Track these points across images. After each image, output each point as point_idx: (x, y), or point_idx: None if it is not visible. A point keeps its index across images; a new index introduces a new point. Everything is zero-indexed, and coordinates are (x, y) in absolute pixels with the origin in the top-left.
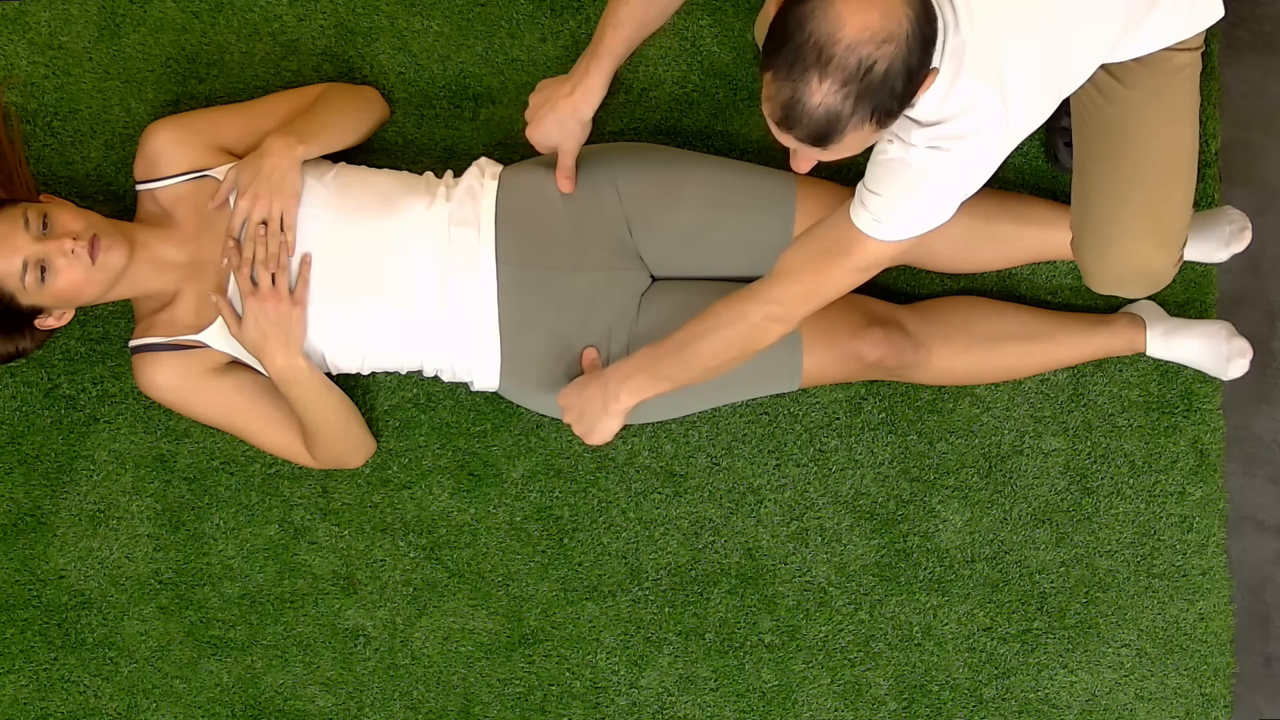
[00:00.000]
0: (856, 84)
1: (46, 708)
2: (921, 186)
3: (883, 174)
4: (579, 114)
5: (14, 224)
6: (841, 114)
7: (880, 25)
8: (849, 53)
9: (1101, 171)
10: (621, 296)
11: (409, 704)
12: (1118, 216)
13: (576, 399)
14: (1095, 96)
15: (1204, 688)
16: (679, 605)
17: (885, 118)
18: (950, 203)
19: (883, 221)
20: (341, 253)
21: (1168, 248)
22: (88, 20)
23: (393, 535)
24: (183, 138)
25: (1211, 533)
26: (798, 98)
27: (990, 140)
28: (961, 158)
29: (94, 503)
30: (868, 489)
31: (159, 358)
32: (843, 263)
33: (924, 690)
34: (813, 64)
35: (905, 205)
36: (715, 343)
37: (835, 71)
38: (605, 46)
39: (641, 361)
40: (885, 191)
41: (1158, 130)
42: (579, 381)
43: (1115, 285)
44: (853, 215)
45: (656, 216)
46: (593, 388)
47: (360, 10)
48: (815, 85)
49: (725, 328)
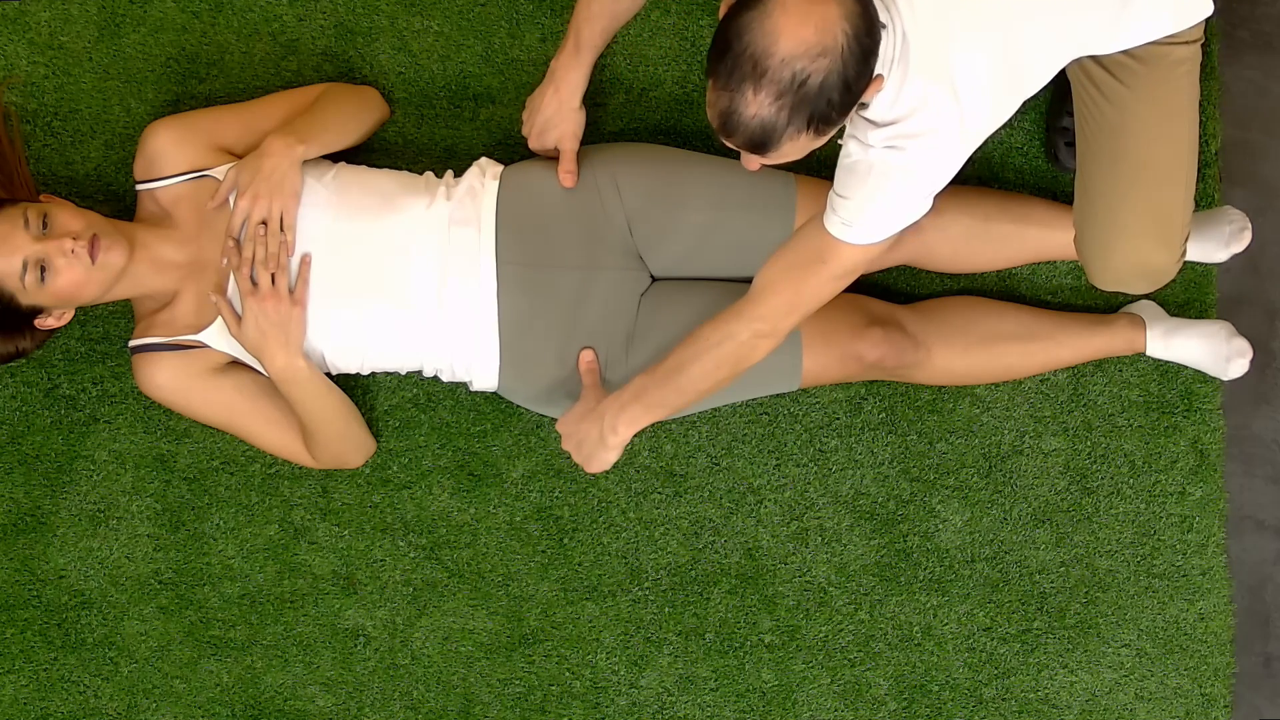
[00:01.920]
0: (791, 96)
1: (46, 708)
2: (885, 187)
3: (847, 177)
4: (566, 104)
5: (14, 224)
6: (776, 125)
7: (815, 39)
8: (783, 66)
9: (1102, 170)
10: (621, 296)
11: (409, 704)
12: (1119, 215)
13: (574, 430)
14: (1095, 95)
15: (1204, 688)
16: (679, 605)
17: (824, 126)
18: (917, 201)
19: (853, 225)
20: (341, 252)
21: (1170, 244)
22: (88, 20)
23: (393, 535)
24: (183, 138)
25: (1211, 533)
26: (734, 108)
27: (946, 137)
28: (919, 156)
29: (94, 503)
30: (868, 489)
31: (159, 358)
32: (820, 271)
33: (924, 690)
34: (748, 75)
35: (872, 207)
36: (705, 365)
37: (769, 85)
38: (584, 40)
39: (635, 391)
40: (852, 195)
41: (1157, 129)
42: (576, 413)
43: (1118, 282)
44: (825, 222)
45: (657, 216)
46: (589, 421)
47: (360, 10)
48: (750, 97)
49: (714, 349)
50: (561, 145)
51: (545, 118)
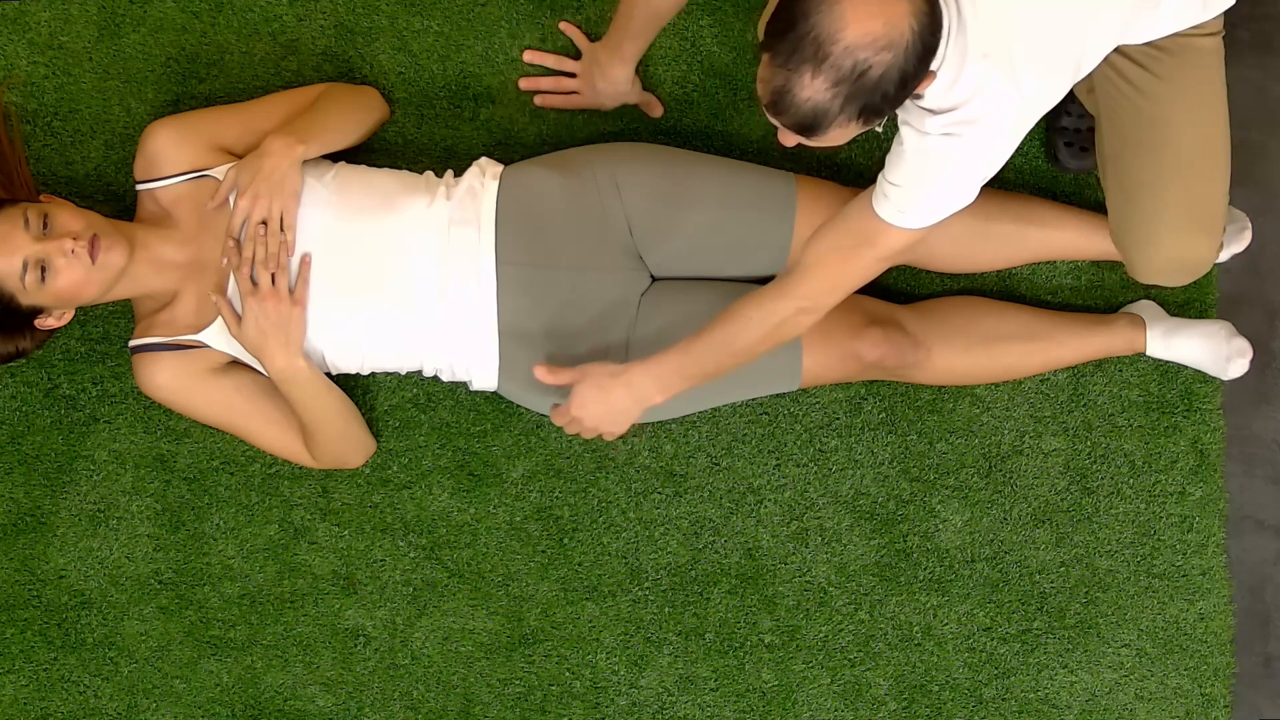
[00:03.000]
0: (848, 85)
1: (46, 708)
2: (941, 174)
3: (902, 164)
4: (619, 85)
5: (14, 224)
6: (829, 111)
7: (882, 32)
8: (846, 54)
9: (1141, 163)
10: (621, 296)
11: (409, 704)
12: (1160, 208)
13: (599, 397)
14: (1125, 88)
15: (1204, 688)
16: (679, 605)
17: (873, 117)
18: (973, 185)
19: (906, 211)
20: (341, 252)
21: (1210, 235)
22: (88, 20)
23: (393, 535)
24: (183, 138)
25: (1211, 533)
26: (789, 88)
27: (1004, 120)
28: (978, 141)
29: (94, 503)
30: (868, 489)
31: (159, 357)
32: (867, 253)
33: (924, 690)
34: (809, 58)
35: (927, 193)
36: (748, 339)
37: (829, 70)
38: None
39: (673, 363)
40: (905, 181)
41: (1193, 119)
42: (596, 384)
43: (1160, 276)
44: (876, 207)
45: (657, 216)
46: (618, 391)
47: (360, 10)
48: (808, 80)
49: (757, 325)
50: (625, 100)
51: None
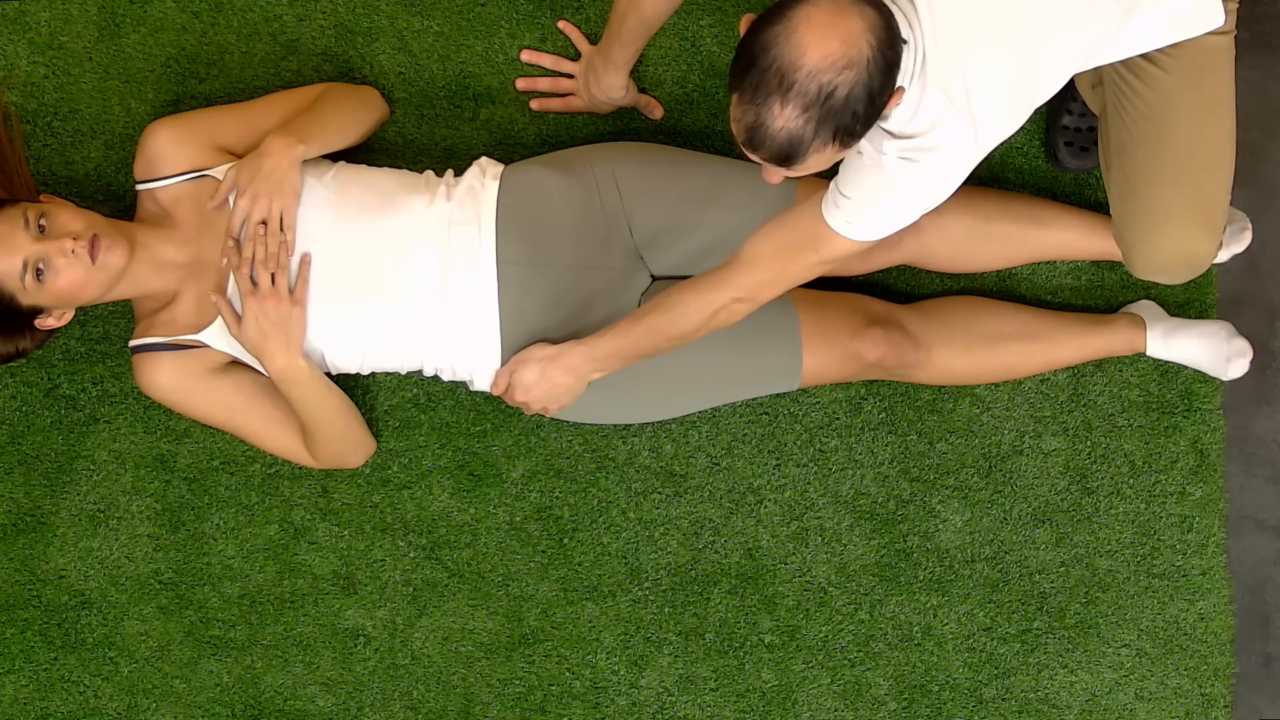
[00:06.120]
0: (818, 109)
1: (46, 708)
2: (892, 194)
3: (854, 176)
4: (608, 91)
5: (14, 224)
6: (804, 138)
7: (841, 52)
8: (810, 79)
9: (1145, 156)
10: (622, 295)
11: (409, 704)
12: (1163, 203)
13: (539, 384)
14: (1133, 83)
15: (1204, 688)
16: (679, 605)
17: (849, 138)
18: (920, 209)
19: (854, 223)
20: (341, 252)
21: (1212, 232)
22: (88, 20)
23: (393, 535)
24: (183, 138)
25: (1211, 533)
26: (761, 121)
27: (959, 153)
28: (931, 169)
29: (94, 503)
30: (868, 489)
31: (159, 357)
32: (810, 256)
33: (924, 690)
34: (775, 89)
35: (876, 208)
36: (685, 326)
37: (797, 98)
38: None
39: (610, 347)
40: (856, 195)
41: (1200, 115)
42: (536, 369)
43: (1160, 270)
44: (825, 214)
45: (657, 216)
46: (557, 373)
47: (360, 10)
48: (777, 110)
49: (695, 314)
50: (620, 104)
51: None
